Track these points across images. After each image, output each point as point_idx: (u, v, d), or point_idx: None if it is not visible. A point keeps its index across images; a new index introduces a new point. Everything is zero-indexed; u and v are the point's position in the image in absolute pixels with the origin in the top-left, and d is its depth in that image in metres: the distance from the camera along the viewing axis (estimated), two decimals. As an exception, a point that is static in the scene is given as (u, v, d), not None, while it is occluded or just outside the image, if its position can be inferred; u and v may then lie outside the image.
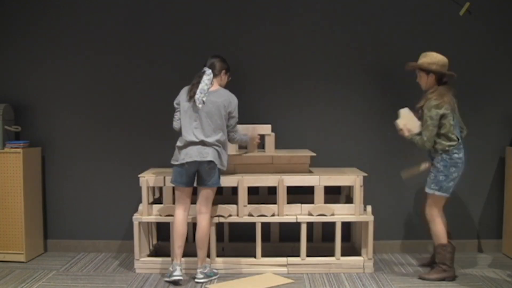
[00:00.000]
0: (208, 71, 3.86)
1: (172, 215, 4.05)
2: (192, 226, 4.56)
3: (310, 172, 4.27)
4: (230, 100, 3.87)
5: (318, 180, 4.11)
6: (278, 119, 4.56)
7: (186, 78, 4.58)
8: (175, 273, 3.82)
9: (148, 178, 4.13)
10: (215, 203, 4.19)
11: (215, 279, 3.95)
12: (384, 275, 4.06)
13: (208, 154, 3.75)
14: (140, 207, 4.15)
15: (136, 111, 4.63)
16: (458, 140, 3.84)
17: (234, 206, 4.11)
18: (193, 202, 3.97)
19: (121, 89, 4.62)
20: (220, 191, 4.54)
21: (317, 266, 4.11)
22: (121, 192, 4.65)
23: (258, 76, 4.59)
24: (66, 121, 4.65)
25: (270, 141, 4.29)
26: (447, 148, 3.81)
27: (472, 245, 4.67)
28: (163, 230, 4.60)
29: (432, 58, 3.81)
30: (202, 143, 3.77)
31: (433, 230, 3.93)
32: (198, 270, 3.91)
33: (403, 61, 4.55)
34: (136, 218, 4.13)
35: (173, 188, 4.07)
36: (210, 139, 3.77)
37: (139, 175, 4.18)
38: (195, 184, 3.90)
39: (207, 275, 3.92)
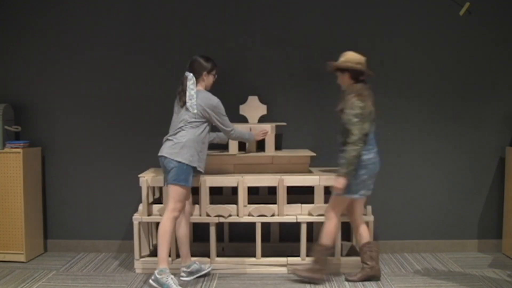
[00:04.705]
0: (190, 75, 3.75)
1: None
2: (193, 226, 4.57)
3: (310, 172, 4.27)
4: (210, 103, 3.73)
5: (318, 180, 4.11)
6: (278, 119, 4.56)
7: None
8: (203, 266, 3.96)
9: (148, 178, 4.13)
10: (215, 203, 4.19)
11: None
12: (384, 275, 4.05)
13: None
14: (140, 207, 4.15)
15: (136, 111, 4.63)
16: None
17: (234, 206, 4.11)
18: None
19: (121, 88, 4.62)
20: (220, 191, 4.54)
21: (317, 266, 4.11)
22: (121, 192, 4.64)
23: (258, 77, 4.59)
24: (66, 121, 4.65)
25: (270, 141, 4.29)
26: None
27: (472, 245, 4.67)
28: (163, 230, 4.59)
29: (347, 57, 3.75)
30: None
31: (326, 228, 3.82)
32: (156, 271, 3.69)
33: (402, 61, 4.57)
34: (136, 218, 4.13)
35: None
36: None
37: (139, 175, 4.18)
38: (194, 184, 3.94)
39: (158, 282, 3.62)
